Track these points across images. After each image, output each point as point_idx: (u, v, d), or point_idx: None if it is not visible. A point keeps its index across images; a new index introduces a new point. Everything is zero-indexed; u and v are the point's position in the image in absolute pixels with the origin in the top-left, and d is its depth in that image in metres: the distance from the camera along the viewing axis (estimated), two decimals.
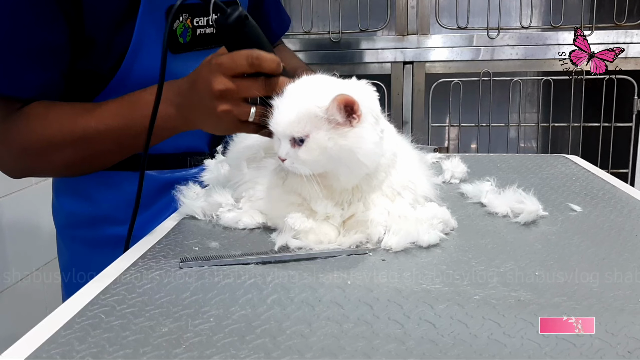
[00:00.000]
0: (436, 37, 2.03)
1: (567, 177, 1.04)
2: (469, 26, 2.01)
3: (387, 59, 2.06)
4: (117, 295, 0.60)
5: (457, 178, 1.01)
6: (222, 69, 0.74)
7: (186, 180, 0.89)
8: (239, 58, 0.74)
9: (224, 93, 0.75)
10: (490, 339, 0.50)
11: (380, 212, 0.73)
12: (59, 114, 0.87)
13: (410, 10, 2.02)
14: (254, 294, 0.59)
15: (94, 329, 0.53)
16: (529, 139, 2.42)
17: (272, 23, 1.21)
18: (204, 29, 0.99)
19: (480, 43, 2.01)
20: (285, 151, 0.71)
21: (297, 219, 0.73)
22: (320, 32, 2.10)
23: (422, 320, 0.53)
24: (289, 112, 0.70)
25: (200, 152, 1.03)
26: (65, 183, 1.01)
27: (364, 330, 0.52)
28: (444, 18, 2.01)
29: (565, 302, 0.56)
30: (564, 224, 0.79)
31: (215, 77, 0.75)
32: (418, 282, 0.61)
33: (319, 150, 0.68)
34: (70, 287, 1.03)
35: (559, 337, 0.50)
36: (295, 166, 0.70)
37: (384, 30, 2.06)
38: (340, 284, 0.61)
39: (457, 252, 0.70)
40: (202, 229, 0.80)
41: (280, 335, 0.51)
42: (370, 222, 0.72)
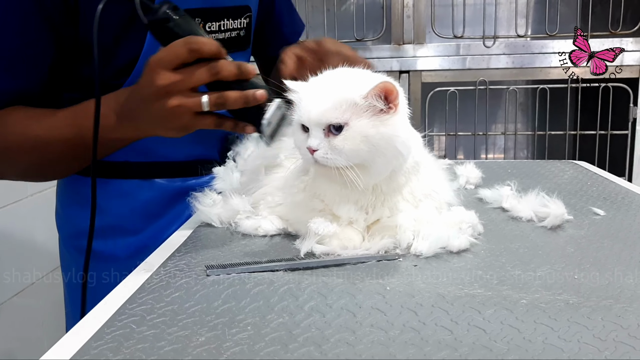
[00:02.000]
0: (432, 46, 2.03)
1: (582, 182, 1.03)
2: (464, 35, 2.01)
3: (383, 68, 2.05)
4: (145, 304, 0.57)
5: (472, 184, 1.00)
6: (161, 64, 0.71)
7: (197, 189, 0.85)
8: (176, 47, 0.70)
9: (170, 87, 0.71)
10: (546, 343, 0.48)
11: (407, 217, 0.71)
12: (15, 120, 0.85)
13: (406, 19, 2.02)
14: (289, 301, 0.57)
15: (126, 339, 0.50)
16: (522, 148, 2.42)
17: (284, 28, 1.18)
18: (217, 34, 0.97)
19: (476, 52, 2.02)
20: (317, 141, 0.66)
21: (321, 223, 0.70)
22: None
23: (472, 326, 0.51)
24: (323, 100, 0.66)
25: (211, 160, 1.00)
26: (72, 193, 0.97)
27: (412, 337, 0.50)
28: (439, 27, 2.01)
29: (615, 305, 0.54)
30: (591, 227, 0.78)
31: (156, 73, 0.71)
32: (458, 287, 0.59)
33: (360, 138, 0.65)
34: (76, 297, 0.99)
35: (617, 340, 0.48)
36: (328, 157, 0.66)
37: (379, 39, 2.06)
38: (379, 290, 0.58)
39: (490, 257, 0.68)
40: (220, 236, 0.77)
41: (325, 344, 0.49)
42: (399, 228, 0.70)
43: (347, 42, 2.05)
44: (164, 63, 0.71)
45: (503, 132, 2.15)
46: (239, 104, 0.73)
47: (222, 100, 0.72)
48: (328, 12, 2.05)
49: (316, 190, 0.75)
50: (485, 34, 1.99)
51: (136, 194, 0.93)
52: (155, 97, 0.72)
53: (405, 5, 2.01)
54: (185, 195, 0.94)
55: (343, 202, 0.72)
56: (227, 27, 0.98)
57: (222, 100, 0.72)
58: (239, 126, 0.76)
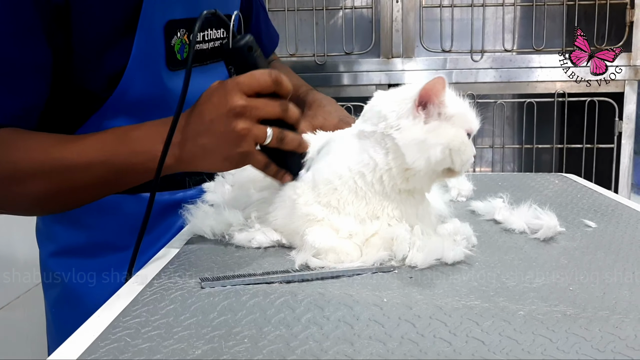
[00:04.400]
0: (420, 60, 2.05)
1: (572, 194, 1.04)
2: (452, 49, 2.03)
3: (372, 82, 2.06)
4: (139, 317, 0.56)
5: (464, 196, 1.00)
6: (240, 87, 0.69)
7: (185, 202, 0.84)
8: (261, 75, 0.70)
9: (243, 110, 0.69)
10: (545, 355, 0.48)
11: (405, 228, 0.71)
12: (29, 143, 0.79)
13: (395, 33, 2.04)
14: (286, 313, 0.56)
15: (121, 352, 0.49)
16: (509, 161, 2.44)
17: (263, 39, 1.19)
18: (201, 45, 0.96)
19: (463, 66, 2.03)
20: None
21: (317, 236, 0.70)
22: (305, 55, 2.09)
23: (470, 338, 0.51)
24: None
25: (198, 173, 1.00)
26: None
27: (411, 349, 0.49)
28: (428, 41, 2.03)
29: (612, 316, 0.54)
30: (583, 239, 0.78)
31: (233, 95, 0.69)
32: (455, 299, 0.59)
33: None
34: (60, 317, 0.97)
35: (615, 351, 0.48)
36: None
37: (368, 53, 2.07)
38: (376, 302, 0.58)
39: (485, 268, 0.68)
40: (214, 248, 0.76)
41: (323, 356, 0.49)
42: (396, 239, 0.70)
43: (336, 56, 2.07)
44: (242, 87, 0.69)
45: (491, 146, 2.16)
46: (294, 144, 0.73)
47: (282, 136, 0.71)
48: (317, 26, 2.06)
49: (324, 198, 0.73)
50: (472, 49, 2.01)
51: (123, 208, 0.91)
52: (226, 116, 0.69)
53: (394, 19, 2.03)
54: (173, 209, 0.94)
55: (347, 214, 0.72)
56: (211, 37, 0.98)
57: (282, 136, 0.71)
58: (280, 174, 0.76)
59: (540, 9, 2.05)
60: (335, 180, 0.73)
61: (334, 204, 0.72)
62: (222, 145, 0.71)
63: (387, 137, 0.71)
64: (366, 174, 0.72)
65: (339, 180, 0.72)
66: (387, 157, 0.71)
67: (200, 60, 0.97)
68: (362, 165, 0.72)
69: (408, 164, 0.70)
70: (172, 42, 0.90)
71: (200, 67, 0.96)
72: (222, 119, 0.69)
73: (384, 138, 0.71)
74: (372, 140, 0.72)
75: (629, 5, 1.94)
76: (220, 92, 0.70)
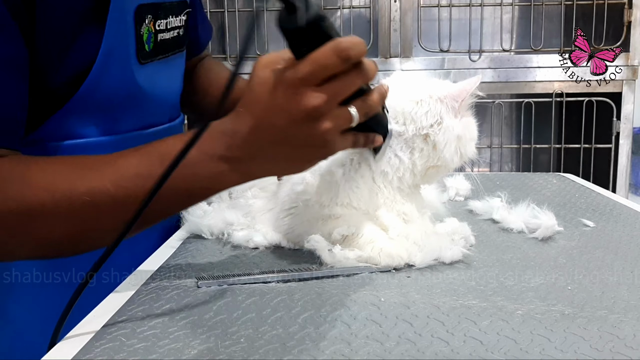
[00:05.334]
0: (418, 59, 2.04)
1: (570, 194, 1.03)
2: (450, 49, 2.02)
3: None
4: (135, 316, 0.56)
5: (461, 195, 1.00)
6: (307, 81, 0.55)
7: None
8: (325, 58, 0.54)
9: (322, 107, 0.56)
10: (543, 354, 0.48)
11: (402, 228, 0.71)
12: (45, 172, 0.63)
13: (393, 33, 2.03)
14: (282, 312, 0.56)
15: (116, 352, 0.49)
16: (507, 161, 2.44)
17: (200, 32, 1.07)
18: (164, 34, 0.85)
19: (461, 66, 2.03)
20: None
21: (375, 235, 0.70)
22: None
23: (468, 337, 0.50)
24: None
25: None
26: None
27: (409, 349, 0.49)
28: (426, 41, 2.03)
29: (610, 315, 0.54)
30: (581, 238, 0.78)
31: (303, 94, 0.55)
32: (453, 298, 0.58)
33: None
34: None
35: (614, 351, 0.48)
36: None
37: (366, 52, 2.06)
38: (373, 301, 0.58)
39: (483, 268, 0.68)
40: (210, 247, 0.76)
41: (320, 356, 0.48)
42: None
43: None
44: (310, 80, 0.55)
45: (489, 146, 2.16)
46: (380, 104, 0.63)
47: (367, 105, 0.60)
48: None
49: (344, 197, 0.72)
50: (471, 48, 2.01)
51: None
52: (303, 121, 0.56)
53: (392, 19, 2.02)
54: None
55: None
56: (173, 25, 0.88)
57: (367, 105, 0.60)
58: (370, 138, 0.65)
59: (538, 9, 2.05)
60: (357, 179, 0.73)
61: (355, 203, 0.73)
62: (305, 151, 0.60)
63: (417, 137, 0.72)
64: (389, 173, 0.72)
65: (361, 179, 0.73)
66: (413, 156, 0.72)
67: (164, 52, 0.86)
68: (385, 164, 0.72)
69: (446, 161, 0.72)
70: (142, 31, 0.79)
71: (164, 60, 0.87)
72: (299, 126, 0.57)
73: (414, 138, 0.72)
74: (401, 140, 0.73)
75: (626, 5, 1.94)
76: (285, 91, 0.56)
